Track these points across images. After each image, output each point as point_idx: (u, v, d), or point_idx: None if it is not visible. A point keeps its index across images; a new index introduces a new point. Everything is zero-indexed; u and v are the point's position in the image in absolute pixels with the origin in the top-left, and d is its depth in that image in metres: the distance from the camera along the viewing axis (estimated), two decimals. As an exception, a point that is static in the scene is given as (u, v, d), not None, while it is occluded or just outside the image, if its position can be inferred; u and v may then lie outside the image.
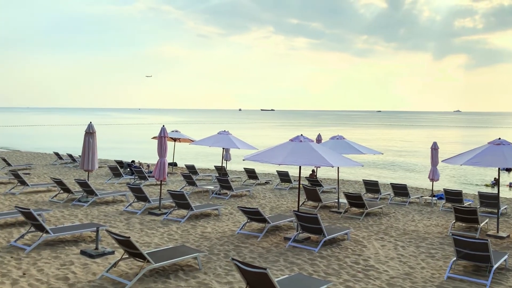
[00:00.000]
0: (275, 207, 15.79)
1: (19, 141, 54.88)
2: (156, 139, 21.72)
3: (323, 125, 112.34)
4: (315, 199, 15.42)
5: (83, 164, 15.52)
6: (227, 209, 14.96)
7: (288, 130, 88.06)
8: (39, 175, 22.50)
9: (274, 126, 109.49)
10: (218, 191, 17.94)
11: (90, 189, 15.19)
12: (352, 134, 72.76)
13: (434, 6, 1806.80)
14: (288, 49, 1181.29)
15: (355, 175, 27.91)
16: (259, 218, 11.65)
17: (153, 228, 11.97)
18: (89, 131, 15.50)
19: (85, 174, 23.22)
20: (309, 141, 11.15)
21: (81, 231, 10.37)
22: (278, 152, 10.71)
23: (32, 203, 14.92)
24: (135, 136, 66.94)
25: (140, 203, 15.21)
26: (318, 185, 19.67)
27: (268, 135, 73.04)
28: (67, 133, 72.84)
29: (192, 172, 23.51)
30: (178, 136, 25.22)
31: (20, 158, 31.16)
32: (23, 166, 25.58)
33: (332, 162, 10.34)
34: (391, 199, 17.67)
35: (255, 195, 18.33)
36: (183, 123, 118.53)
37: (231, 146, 19.03)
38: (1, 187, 18.14)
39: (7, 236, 10.61)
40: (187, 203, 13.22)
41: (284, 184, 21.17)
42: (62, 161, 28.56)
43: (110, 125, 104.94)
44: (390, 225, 13.32)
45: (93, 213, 13.71)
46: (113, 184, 20.27)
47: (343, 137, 16.23)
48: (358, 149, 15.42)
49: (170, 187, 19.90)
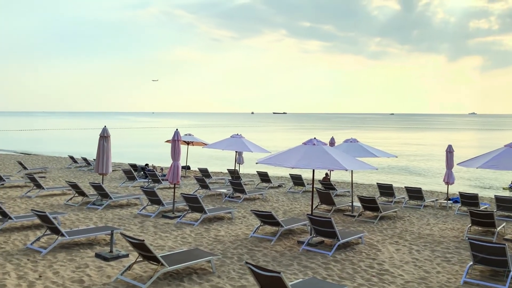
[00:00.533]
0: (288, 211, 15.75)
1: (34, 145, 55.61)
2: (170, 142, 21.86)
3: (336, 128, 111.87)
4: (329, 202, 15.34)
5: (98, 168, 15.66)
6: (240, 213, 14.96)
7: (301, 133, 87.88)
8: (54, 179, 22.75)
9: (287, 129, 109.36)
10: (231, 194, 17.96)
11: (104, 192, 15.32)
12: (366, 137, 72.32)
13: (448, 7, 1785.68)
14: (301, 52, 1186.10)
15: (369, 179, 27.71)
16: (273, 221, 11.63)
17: (167, 231, 12.01)
18: (104, 135, 15.64)
19: (99, 178, 23.42)
20: (323, 144, 11.10)
21: (96, 234, 10.45)
22: (291, 155, 10.68)
23: (47, 206, 15.09)
24: (148, 140, 67.37)
25: (154, 206, 15.28)
26: (331, 188, 19.58)
27: (280, 138, 72.96)
28: (82, 137, 73.61)
29: (205, 175, 23.56)
30: (191, 139, 25.32)
31: (35, 162, 31.55)
32: (38, 170, 25.89)
33: (346, 166, 10.29)
34: (406, 203, 17.50)
35: (268, 198, 18.31)
36: (196, 126, 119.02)
37: (244, 150, 19.06)
38: (18, 190, 18.38)
39: (23, 239, 10.74)
40: (200, 206, 13.25)
41: (297, 187, 21.11)
42: (77, 164, 28.85)
43: (124, 128, 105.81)
44: (404, 229, 13.19)
45: (108, 216, 13.82)
46: (127, 187, 20.41)
47: (357, 140, 16.14)
48: (372, 152, 15.32)
49: (184, 190, 19.97)
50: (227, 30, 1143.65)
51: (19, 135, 77.72)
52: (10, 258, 9.25)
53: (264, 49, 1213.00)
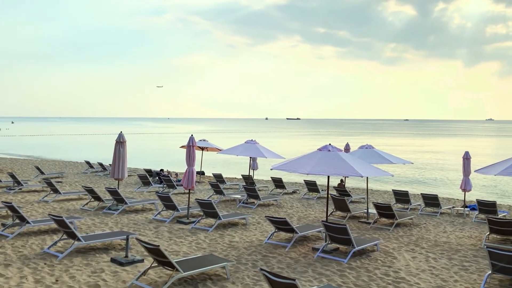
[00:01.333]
0: (303, 217, 15.68)
1: (51, 150, 56.36)
2: (184, 148, 21.98)
3: (350, 134, 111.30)
4: (344, 209, 15.24)
5: (114, 173, 15.79)
6: (255, 219, 14.94)
7: (315, 139, 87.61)
8: (70, 183, 23.01)
9: (301, 135, 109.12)
10: (245, 200, 17.95)
11: (120, 198, 15.44)
12: (380, 143, 71.80)
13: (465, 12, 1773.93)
14: (315, 57, 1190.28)
15: (384, 185, 27.48)
16: (287, 228, 11.59)
17: (181, 237, 12.05)
18: (120, 140, 15.78)
19: (115, 183, 23.61)
20: (338, 150, 11.05)
21: (112, 239, 10.53)
22: (306, 161, 10.65)
23: (64, 211, 15.26)
24: (163, 145, 67.80)
25: (168, 212, 15.35)
26: (346, 195, 19.45)
27: (294, 144, 72.82)
28: (97, 142, 74.39)
29: (220, 181, 23.61)
30: (205, 145, 25.42)
31: (52, 167, 31.96)
32: (55, 175, 26.22)
33: (362, 172, 10.22)
34: (422, 210, 17.30)
35: (283, 204, 18.26)
36: (210, 132, 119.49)
37: (258, 155, 19.07)
38: (35, 195, 18.62)
39: (40, 243, 10.86)
40: (215, 212, 13.27)
41: (311, 193, 21.02)
42: (93, 169, 29.14)
43: (140, 134, 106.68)
44: (421, 236, 13.03)
45: (123, 221, 13.91)
46: (142, 192, 20.55)
47: (372, 146, 16.03)
48: (388, 159, 15.19)
49: (198, 195, 20.03)
50: (242, 36, 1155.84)
51: (36, 140, 78.89)
52: (28, 262, 9.36)
53: (279, 55, 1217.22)
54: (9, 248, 10.37)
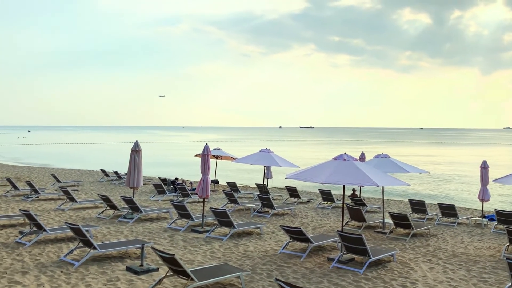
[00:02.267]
0: (318, 227, 15.58)
1: (68, 158, 57.02)
2: (199, 156, 22.02)
3: (364, 143, 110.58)
4: (359, 219, 15.10)
5: (129, 181, 15.90)
6: (269, 228, 14.88)
7: (329, 148, 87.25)
8: (86, 192, 23.22)
9: (315, 144, 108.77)
10: (259, 209, 17.91)
11: (135, 206, 15.52)
12: (396, 152, 71.16)
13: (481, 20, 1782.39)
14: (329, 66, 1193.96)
15: (400, 195, 27.20)
16: (302, 237, 11.51)
17: (196, 246, 12.05)
18: (135, 149, 15.90)
19: (130, 191, 23.76)
20: (353, 159, 10.98)
21: (127, 247, 10.57)
22: (321, 170, 10.60)
23: (80, 219, 15.39)
24: (178, 154, 68.13)
25: (183, 220, 15.38)
26: (362, 204, 19.29)
27: (308, 152, 72.57)
28: (113, 151, 75.06)
29: (234, 189, 23.61)
30: (220, 154, 25.46)
31: (68, 175, 32.31)
32: (71, 183, 26.49)
33: (377, 181, 10.13)
34: (439, 220, 17.06)
35: (297, 213, 18.16)
36: (224, 140, 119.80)
37: (273, 164, 19.03)
38: (51, 203, 18.83)
39: (57, 251, 10.95)
40: (229, 221, 13.26)
41: (326, 203, 20.89)
42: (108, 178, 29.38)
43: (155, 142, 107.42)
44: (438, 247, 12.83)
45: (138, 229, 13.97)
46: (157, 201, 20.63)
47: (388, 155, 15.90)
48: (404, 168, 15.05)
49: (212, 204, 20.04)
50: (256, 45, 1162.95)
51: (52, 149, 79.93)
52: (45, 270, 9.44)
53: (293, 63, 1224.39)
54: (27, 256, 10.47)
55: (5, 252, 10.75)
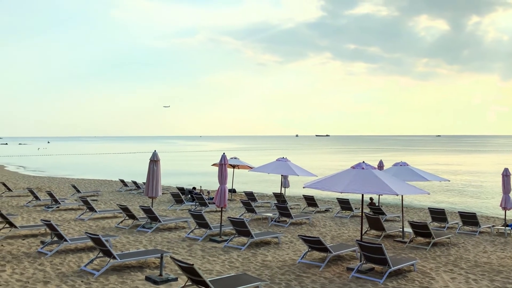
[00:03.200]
0: (336, 236, 15.46)
1: (86, 168, 57.76)
2: (216, 166, 22.10)
3: (382, 151, 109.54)
4: (378, 228, 14.94)
5: (148, 191, 16.03)
6: (287, 237, 14.82)
7: (346, 156, 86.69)
8: (105, 202, 23.46)
9: (332, 152, 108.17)
10: (277, 218, 17.85)
11: (154, 216, 15.62)
12: (414, 159, 70.32)
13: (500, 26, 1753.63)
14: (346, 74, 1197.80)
15: (419, 203, 26.84)
16: (321, 247, 11.44)
17: (214, 255, 12.06)
18: (154, 159, 16.04)
19: (149, 201, 23.94)
20: (372, 168, 10.89)
21: (146, 257, 10.64)
22: (339, 179, 10.54)
23: (99, 229, 15.54)
24: (195, 163, 68.46)
25: (201, 230, 15.42)
26: (380, 213, 19.09)
27: (325, 161, 72.20)
28: (132, 161, 75.79)
29: (251, 199, 23.60)
30: (237, 163, 25.52)
31: (88, 185, 32.71)
32: (91, 193, 26.81)
33: (397, 190, 10.03)
34: (460, 229, 16.78)
35: (315, 223, 18.06)
36: (241, 149, 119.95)
37: (290, 173, 18.96)
38: (72, 213, 19.07)
39: (77, 261, 11.08)
40: (247, 230, 13.25)
41: (344, 212, 20.73)
42: (127, 188, 29.65)
43: (172, 152, 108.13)
44: (459, 256, 12.61)
45: (157, 239, 14.05)
46: (175, 210, 20.74)
47: (407, 163, 15.74)
48: (423, 176, 14.87)
49: (230, 213, 20.06)
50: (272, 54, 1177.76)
51: (72, 159, 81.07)
52: (66, 279, 9.55)
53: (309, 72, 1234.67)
54: (48, 265, 10.61)
55: (27, 261, 10.91)
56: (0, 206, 20.93)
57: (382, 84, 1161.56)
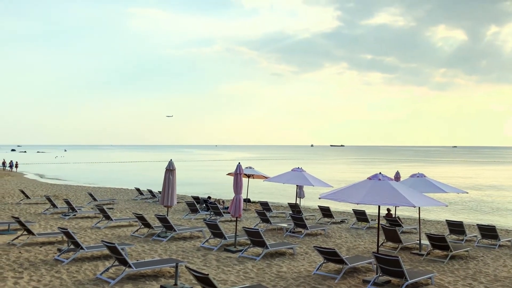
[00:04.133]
0: (352, 248, 15.30)
1: (103, 176, 58.33)
2: (231, 175, 22.14)
3: (397, 162, 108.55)
4: (395, 240, 14.75)
5: (163, 200, 16.11)
6: (302, 248, 14.72)
7: (362, 167, 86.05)
8: (121, 210, 23.63)
9: (347, 163, 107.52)
10: (292, 229, 17.76)
11: (169, 225, 15.67)
12: (431, 171, 69.49)
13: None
14: (362, 84, 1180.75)
15: (437, 215, 26.47)
16: (336, 258, 11.33)
17: (229, 265, 12.02)
18: (169, 168, 16.14)
19: (164, 209, 24.03)
20: (388, 179, 10.80)
21: (161, 266, 10.66)
22: (355, 190, 10.46)
23: (115, 237, 15.64)
24: (211, 172, 68.63)
25: (216, 240, 15.40)
26: (397, 225, 18.86)
27: (341, 171, 71.76)
28: (147, 169, 76.32)
29: (266, 209, 23.53)
30: (252, 172, 25.51)
31: (104, 193, 33.00)
32: (107, 201, 27.03)
33: (414, 202, 9.91)
34: (478, 242, 16.47)
35: (331, 234, 17.91)
36: (257, 159, 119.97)
37: (305, 184, 18.90)
38: (88, 221, 19.24)
39: (93, 269, 11.15)
40: (262, 241, 13.19)
41: (360, 223, 20.53)
42: (142, 196, 29.84)
43: (188, 161, 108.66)
44: (478, 270, 12.37)
45: (172, 248, 14.07)
46: (190, 219, 20.78)
47: (424, 174, 15.56)
48: (441, 188, 14.68)
49: (245, 223, 20.02)
50: (287, 64, 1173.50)
51: (88, 167, 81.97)
52: (82, 287, 9.61)
53: (324, 82, 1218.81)
54: (65, 273, 10.70)
55: (44, 269, 11.02)
56: (19, 213, 21.23)
57: (398, 94, 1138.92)
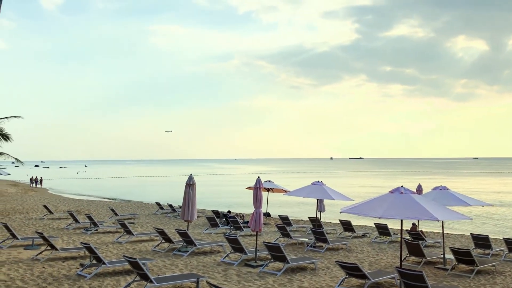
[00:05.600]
0: (375, 262, 15.07)
1: (124, 191, 58.92)
2: (250, 189, 22.13)
3: (418, 174, 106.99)
4: (418, 254, 14.48)
5: (184, 215, 16.17)
6: (324, 263, 14.55)
7: (382, 180, 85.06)
8: (142, 225, 23.78)
9: (368, 176, 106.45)
10: (313, 243, 17.59)
11: (189, 239, 15.69)
12: (453, 183, 68.26)
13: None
14: (382, 96, 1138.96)
15: (461, 228, 25.93)
16: (359, 273, 11.17)
17: (250, 281, 11.95)
18: (190, 183, 16.22)
19: (184, 224, 24.10)
20: (410, 192, 10.64)
21: (182, 281, 10.66)
22: (377, 204, 10.33)
23: (136, 252, 15.72)
24: (230, 186, 68.72)
25: (236, 254, 15.35)
26: (420, 239, 18.52)
27: (361, 185, 71.05)
28: (168, 184, 76.84)
29: (286, 223, 23.39)
30: (271, 186, 25.45)
31: (125, 208, 33.30)
32: (128, 216, 27.25)
33: (437, 216, 9.73)
34: (505, 256, 16.03)
35: (352, 248, 17.69)
36: (276, 172, 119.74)
37: (326, 197, 18.74)
38: (109, 236, 19.40)
39: (115, 284, 11.21)
40: (283, 255, 13.10)
41: (382, 237, 20.22)
42: (163, 210, 30.01)
43: (208, 175, 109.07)
44: (506, 286, 12.03)
45: (192, 263, 14.07)
46: (210, 234, 20.78)
47: (446, 187, 15.30)
48: (465, 201, 14.41)
49: (265, 238, 19.92)
50: (306, 77, 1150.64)
51: (109, 182, 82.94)
52: (104, 302, 9.65)
53: (343, 94, 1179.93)
54: (87, 288, 10.78)
55: (67, 284, 11.13)
56: (42, 228, 21.55)
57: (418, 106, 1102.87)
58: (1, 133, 34.79)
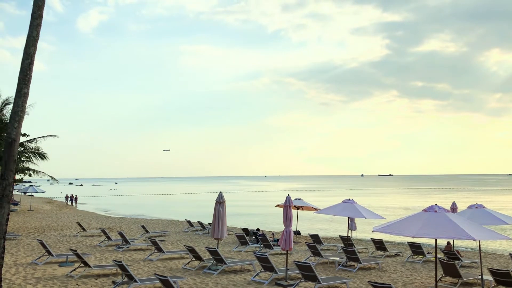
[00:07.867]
0: (408, 282, 14.66)
1: (154, 208, 59.57)
2: (280, 206, 22.03)
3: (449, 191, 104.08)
4: (454, 274, 14.02)
5: (214, 233, 16.20)
6: (356, 283, 14.26)
7: (414, 197, 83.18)
8: (172, 242, 23.92)
9: (399, 192, 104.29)
10: (344, 262, 17.29)
11: (219, 258, 15.68)
12: (489, 201, 66.10)
13: None
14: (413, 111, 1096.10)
15: (499, 248, 25.02)
16: (392, 294, 10.86)
17: (280, 300, 11.79)
18: (219, 201, 16.28)
19: (214, 242, 24.11)
20: (445, 211, 10.37)
21: (213, 300, 10.61)
22: (411, 223, 10.11)
23: (167, 270, 15.80)
24: (260, 203, 68.55)
25: (266, 273, 15.22)
26: (456, 258, 17.95)
27: (393, 202, 69.64)
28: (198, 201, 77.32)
29: (317, 241, 23.09)
30: (301, 204, 25.26)
31: (156, 225, 33.61)
32: (159, 233, 27.48)
33: (474, 235, 9.45)
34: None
35: (385, 268, 17.28)
36: (306, 190, 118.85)
37: (357, 216, 18.45)
38: (141, 253, 19.58)
39: (146, 302, 11.26)
40: (314, 275, 12.91)
41: (416, 256, 19.70)
42: (193, 228, 30.14)
43: (237, 192, 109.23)
44: (549, 309, 11.47)
45: (223, 282, 14.03)
46: (239, 252, 20.71)
47: (483, 205, 14.84)
48: (502, 219, 13.95)
49: (295, 256, 19.70)
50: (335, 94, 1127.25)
51: (140, 199, 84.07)
52: (135, 321, 9.70)
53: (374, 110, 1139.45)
54: (119, 306, 10.86)
55: (100, 301, 11.24)
56: (76, 245, 21.96)
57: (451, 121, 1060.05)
58: (37, 152, 35.88)
